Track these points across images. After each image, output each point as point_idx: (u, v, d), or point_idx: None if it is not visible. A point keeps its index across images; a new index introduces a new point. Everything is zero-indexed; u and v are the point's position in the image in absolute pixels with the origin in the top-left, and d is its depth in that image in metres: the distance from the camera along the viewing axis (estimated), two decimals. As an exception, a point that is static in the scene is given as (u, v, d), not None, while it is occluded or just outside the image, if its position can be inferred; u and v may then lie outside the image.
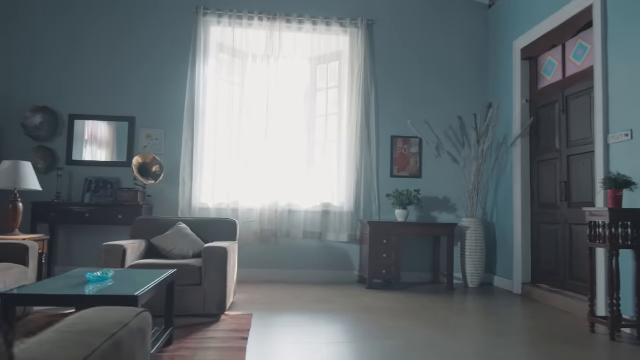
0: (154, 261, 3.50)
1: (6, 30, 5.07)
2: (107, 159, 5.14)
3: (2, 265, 3.03)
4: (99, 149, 5.16)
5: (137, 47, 5.23)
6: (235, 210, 5.15)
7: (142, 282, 2.30)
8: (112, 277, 2.45)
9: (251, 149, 5.30)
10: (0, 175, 3.59)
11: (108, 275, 2.41)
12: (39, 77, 5.08)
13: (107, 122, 5.15)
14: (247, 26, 5.35)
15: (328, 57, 5.58)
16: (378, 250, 4.84)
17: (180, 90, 5.22)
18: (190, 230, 4.02)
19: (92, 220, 4.67)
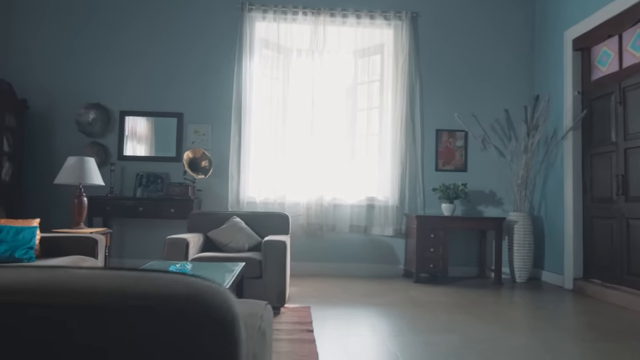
0: (216, 254, 3.59)
1: (60, 30, 5.21)
2: (156, 154, 5.26)
3: (76, 258, 3.15)
4: (148, 144, 5.28)
5: (185, 44, 5.31)
6: (281, 205, 5.21)
7: (222, 275, 2.37)
8: (191, 270, 2.52)
9: (296, 144, 5.35)
10: (66, 170, 3.72)
11: (187, 268, 2.49)
12: (91, 75, 5.22)
13: (156, 118, 5.27)
14: (292, 21, 5.37)
15: (370, 51, 5.56)
16: (425, 244, 4.84)
17: (227, 86, 5.29)
18: (245, 224, 4.09)
19: (145, 214, 4.80)
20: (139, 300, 0.55)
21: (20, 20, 5.20)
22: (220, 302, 0.58)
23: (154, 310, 0.55)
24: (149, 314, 0.55)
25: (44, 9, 5.22)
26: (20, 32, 5.19)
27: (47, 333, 0.55)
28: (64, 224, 4.88)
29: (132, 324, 0.56)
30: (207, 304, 0.57)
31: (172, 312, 0.56)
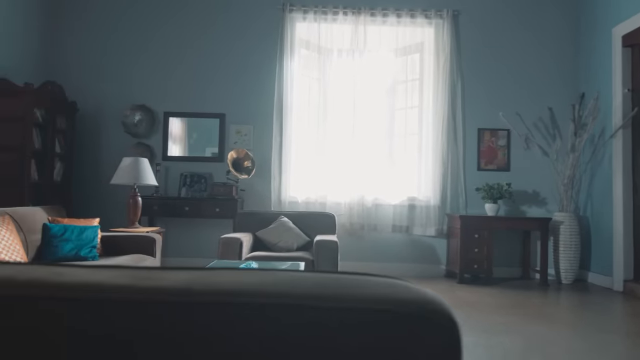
0: (268, 253, 3.63)
1: (106, 34, 5.34)
2: (199, 154, 5.34)
3: (137, 257, 3.23)
4: (191, 144, 5.36)
5: (226, 45, 5.38)
6: (322, 204, 5.23)
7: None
8: (259, 270, 2.55)
9: (337, 143, 5.36)
10: (122, 171, 3.81)
11: (252, 266, 2.52)
12: (136, 77, 5.33)
13: (199, 118, 5.34)
14: (332, 21, 5.38)
15: (410, 49, 5.53)
16: (469, 245, 4.79)
17: (269, 87, 5.33)
18: (292, 224, 4.13)
19: (191, 213, 4.87)
20: (366, 304, 0.57)
21: (68, 24, 5.33)
22: (445, 309, 0.59)
23: (392, 316, 0.56)
24: (382, 318, 0.56)
25: (90, 14, 5.34)
26: (69, 36, 5.33)
27: (270, 333, 0.57)
28: (113, 223, 4.99)
29: (352, 326, 0.57)
30: (437, 310, 0.57)
31: (406, 318, 0.57)
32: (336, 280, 0.60)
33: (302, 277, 0.62)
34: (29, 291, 0.61)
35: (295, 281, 0.61)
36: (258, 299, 0.58)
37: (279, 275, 0.65)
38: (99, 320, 0.58)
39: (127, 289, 0.62)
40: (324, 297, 0.56)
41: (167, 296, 0.62)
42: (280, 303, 0.57)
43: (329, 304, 0.56)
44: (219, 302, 0.58)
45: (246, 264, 2.53)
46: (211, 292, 0.60)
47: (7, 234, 2.58)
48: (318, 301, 0.56)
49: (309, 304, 0.56)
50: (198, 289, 0.62)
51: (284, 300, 0.57)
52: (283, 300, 0.57)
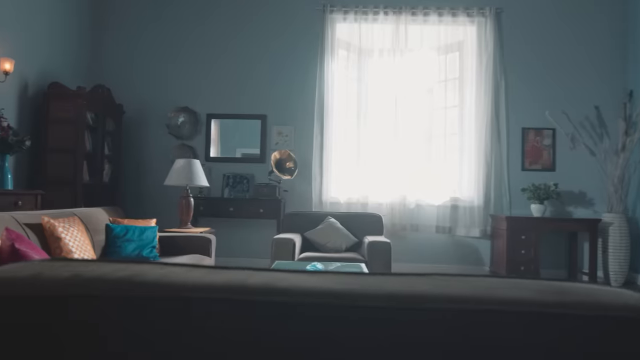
0: (321, 254, 3.64)
1: (150, 38, 5.43)
2: (241, 155, 5.39)
3: (195, 256, 3.27)
4: (233, 146, 5.41)
5: (267, 47, 5.41)
6: (364, 205, 5.22)
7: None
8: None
9: (378, 144, 5.34)
10: (176, 172, 3.87)
11: (318, 268, 2.52)
12: (180, 80, 5.41)
13: (241, 120, 5.39)
14: (372, 21, 5.36)
15: (452, 47, 5.48)
16: (516, 246, 4.72)
17: (309, 88, 5.35)
18: (340, 225, 4.13)
19: (235, 214, 4.92)
20: (612, 311, 0.56)
21: (115, 30, 5.44)
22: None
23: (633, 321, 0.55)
24: (624, 325, 0.55)
25: (135, 19, 5.44)
26: (115, 41, 5.44)
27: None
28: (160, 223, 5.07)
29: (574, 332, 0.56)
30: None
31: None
32: (572, 289, 0.59)
33: (527, 285, 0.62)
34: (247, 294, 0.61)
35: (532, 288, 0.60)
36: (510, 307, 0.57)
37: (512, 282, 0.64)
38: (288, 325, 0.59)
39: (336, 295, 0.63)
40: (570, 305, 0.55)
41: (381, 302, 0.62)
42: (517, 311, 0.56)
43: (577, 311, 0.55)
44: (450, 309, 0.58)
45: (311, 265, 2.53)
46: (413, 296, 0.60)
47: (78, 234, 2.64)
48: (566, 309, 0.55)
49: (551, 312, 0.55)
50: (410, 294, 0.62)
51: (520, 307, 0.56)
52: (519, 307, 0.56)
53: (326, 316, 0.59)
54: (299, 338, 0.59)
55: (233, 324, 0.59)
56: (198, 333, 0.58)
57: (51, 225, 2.48)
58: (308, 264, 2.91)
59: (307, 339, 0.59)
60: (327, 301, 0.60)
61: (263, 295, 0.60)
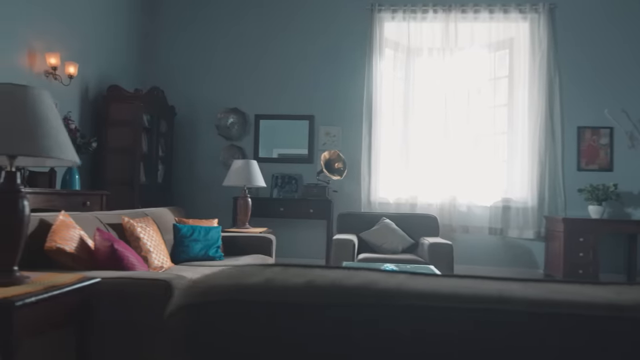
0: (379, 255, 3.61)
1: (200, 41, 5.51)
2: (288, 156, 5.41)
3: (258, 256, 3.30)
4: (281, 146, 5.44)
5: (314, 47, 5.42)
6: (413, 205, 5.16)
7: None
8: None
9: (427, 143, 5.28)
10: (234, 173, 3.92)
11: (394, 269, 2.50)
12: (229, 81, 5.47)
13: (289, 120, 5.42)
14: (421, 20, 5.30)
15: (503, 44, 5.36)
16: (574, 249, 4.58)
17: (357, 88, 5.33)
18: (395, 225, 4.09)
19: (285, 214, 4.95)
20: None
21: (167, 32, 5.56)
22: None
23: None
24: None
25: (186, 22, 5.54)
26: (167, 42, 5.55)
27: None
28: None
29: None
30: None
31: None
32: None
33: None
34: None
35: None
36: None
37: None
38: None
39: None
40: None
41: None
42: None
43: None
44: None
45: (385, 267, 2.52)
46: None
47: (154, 234, 2.70)
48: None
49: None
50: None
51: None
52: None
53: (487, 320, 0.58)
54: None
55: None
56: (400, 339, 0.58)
57: (131, 226, 2.54)
58: (378, 264, 2.89)
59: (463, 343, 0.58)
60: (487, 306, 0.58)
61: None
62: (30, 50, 3.71)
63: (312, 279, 0.62)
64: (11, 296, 1.26)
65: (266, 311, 0.61)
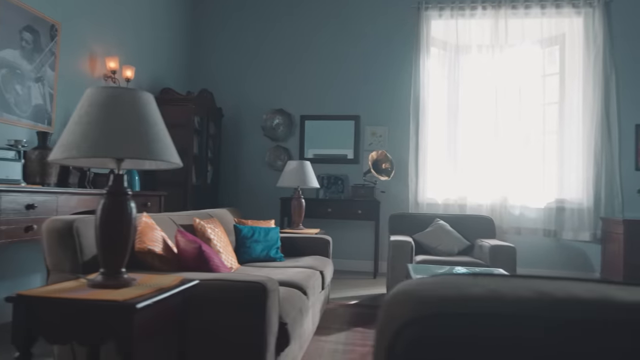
0: (439, 258, 3.55)
1: (245, 43, 5.55)
2: (334, 156, 5.39)
3: (318, 258, 3.28)
4: (326, 147, 5.43)
5: (360, 47, 5.38)
6: (462, 206, 5.07)
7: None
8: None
9: (476, 143, 5.17)
10: (288, 174, 3.92)
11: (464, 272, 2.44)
12: (274, 82, 5.50)
13: (334, 121, 5.40)
14: (470, 17, 5.20)
15: (555, 40, 5.20)
16: (635, 251, 4.40)
17: (403, 87, 5.27)
18: (450, 227, 4.02)
19: (333, 215, 4.93)
20: None
21: (214, 36, 5.62)
22: None
23: None
24: None
25: (232, 25, 5.59)
26: (214, 47, 5.61)
27: None
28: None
29: None
30: None
31: None
32: None
33: None
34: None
35: None
36: None
37: None
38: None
39: None
40: None
41: None
42: None
43: None
44: None
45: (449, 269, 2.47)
46: None
47: (222, 235, 2.72)
48: None
49: None
50: None
51: None
52: None
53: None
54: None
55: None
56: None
57: (202, 227, 2.56)
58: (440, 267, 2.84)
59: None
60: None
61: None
62: (92, 55, 3.81)
63: (544, 290, 0.58)
64: (130, 299, 1.27)
65: (495, 323, 0.58)
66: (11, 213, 2.30)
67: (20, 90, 3.11)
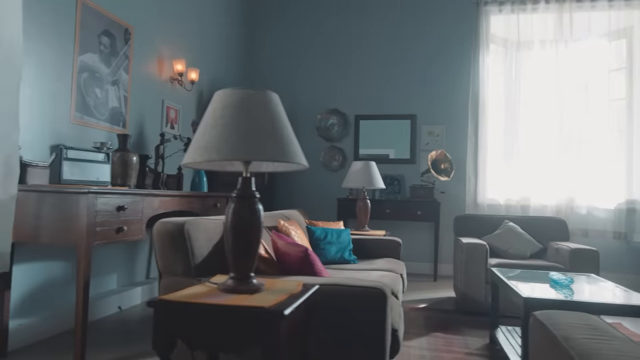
0: (515, 262, 3.43)
1: (299, 41, 5.54)
2: (390, 156, 5.31)
3: (391, 260, 3.21)
4: (382, 147, 5.35)
5: (416, 45, 5.28)
6: (525, 207, 4.90)
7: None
8: (576, 285, 2.37)
9: (539, 142, 4.99)
10: (354, 174, 3.87)
11: (565, 281, 2.33)
12: (328, 82, 5.46)
13: (389, 120, 5.31)
14: (532, 11, 5.02)
15: (621, 34, 4.96)
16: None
17: (462, 85, 5.14)
18: (521, 229, 3.88)
19: (392, 216, 4.85)
20: None
21: (266, 34, 5.63)
22: None
23: None
24: None
25: (285, 26, 5.59)
26: (267, 46, 5.62)
27: None
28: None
29: None
30: None
31: None
32: None
33: None
34: None
35: None
36: None
37: None
38: None
39: None
40: None
41: None
42: None
43: None
44: None
45: (551, 275, 2.35)
46: None
47: (302, 236, 2.69)
48: None
49: None
50: None
51: None
52: None
53: None
54: None
55: None
56: None
57: (286, 229, 2.53)
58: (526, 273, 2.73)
59: None
60: None
61: None
62: (159, 57, 3.85)
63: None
64: (274, 305, 1.24)
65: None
66: (105, 215, 2.34)
67: (99, 93, 3.17)
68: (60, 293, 2.84)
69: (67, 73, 2.87)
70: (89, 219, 2.22)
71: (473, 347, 2.71)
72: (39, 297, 2.68)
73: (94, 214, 2.25)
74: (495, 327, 2.75)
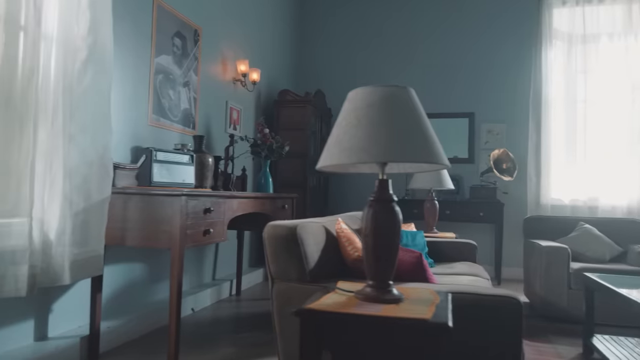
0: (598, 266, 3.26)
1: (351, 39, 5.46)
2: (448, 156, 5.17)
3: (469, 264, 3.10)
4: (437, 146, 5.22)
5: (474, 41, 5.13)
6: (593, 208, 4.69)
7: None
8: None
9: (608, 140, 4.77)
10: (423, 175, 3.77)
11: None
12: (382, 80, 5.36)
13: (446, 119, 5.18)
14: (598, 3, 4.81)
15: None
16: None
17: (523, 82, 4.97)
18: (598, 231, 3.69)
19: (453, 217, 4.72)
20: None
21: (319, 32, 5.58)
22: None
23: None
24: None
25: (337, 23, 5.52)
26: (320, 45, 5.57)
27: None
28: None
29: None
30: None
31: None
32: None
33: None
34: None
35: None
36: None
37: None
38: None
39: None
40: None
41: None
42: None
43: None
44: None
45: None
46: None
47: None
48: None
49: None
50: None
51: None
52: None
53: None
54: None
55: None
56: None
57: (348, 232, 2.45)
58: (628, 279, 2.58)
59: None
60: None
61: None
62: (224, 59, 3.84)
63: None
64: (432, 317, 1.17)
65: None
66: (194, 217, 2.31)
67: (172, 95, 3.17)
68: (142, 294, 2.85)
69: (145, 75, 2.87)
70: (182, 222, 2.19)
71: (567, 356, 2.57)
72: (123, 299, 2.69)
73: (185, 217, 2.22)
74: (591, 335, 2.60)
